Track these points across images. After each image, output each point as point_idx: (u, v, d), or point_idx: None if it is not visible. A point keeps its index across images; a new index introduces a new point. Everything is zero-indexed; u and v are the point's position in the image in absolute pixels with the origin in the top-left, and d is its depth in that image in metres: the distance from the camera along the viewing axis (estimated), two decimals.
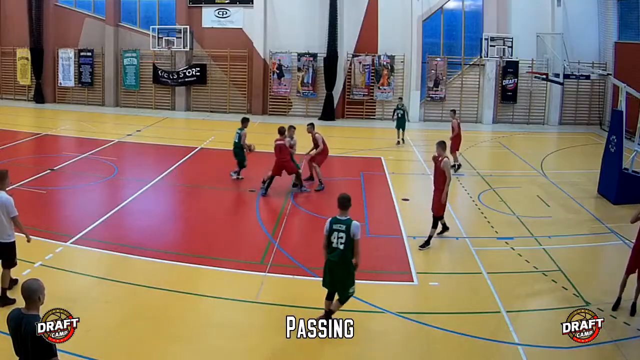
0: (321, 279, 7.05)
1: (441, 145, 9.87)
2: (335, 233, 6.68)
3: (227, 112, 25.02)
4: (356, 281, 7.08)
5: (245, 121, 13.94)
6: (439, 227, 10.06)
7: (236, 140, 13.67)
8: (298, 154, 13.24)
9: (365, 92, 24.00)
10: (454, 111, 16.11)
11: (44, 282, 4.62)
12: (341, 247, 6.65)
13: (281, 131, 12.54)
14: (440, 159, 9.69)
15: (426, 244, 9.74)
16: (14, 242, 7.46)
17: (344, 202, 6.77)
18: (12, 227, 7.41)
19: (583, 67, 18.78)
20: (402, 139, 18.71)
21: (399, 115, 18.57)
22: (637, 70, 19.10)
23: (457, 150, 15.22)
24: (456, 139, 15.08)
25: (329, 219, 6.88)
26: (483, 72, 23.54)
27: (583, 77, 17.20)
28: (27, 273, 7.99)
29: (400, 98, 20.56)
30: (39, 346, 4.25)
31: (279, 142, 12.42)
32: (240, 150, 13.68)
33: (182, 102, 25.30)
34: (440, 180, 9.63)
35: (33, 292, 4.35)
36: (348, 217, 6.73)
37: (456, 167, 14.95)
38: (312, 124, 13.48)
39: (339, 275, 6.76)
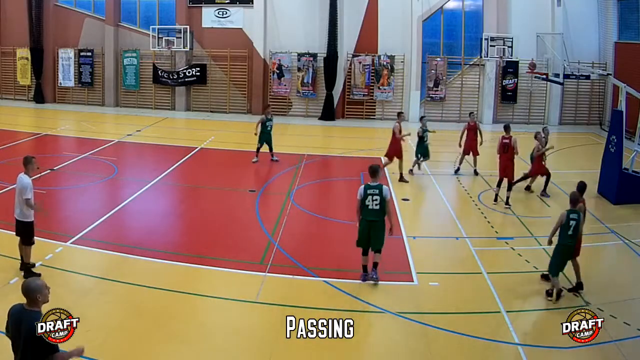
0: (321, 278, 7.14)
1: (508, 127, 13.16)
2: (370, 197, 8.06)
3: (227, 112, 25.02)
4: (356, 281, 7.82)
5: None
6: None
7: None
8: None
9: (365, 92, 24.00)
10: (400, 113, 15.01)
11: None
12: (377, 207, 8.05)
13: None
14: (510, 137, 12.59)
15: (507, 203, 12.16)
16: (31, 222, 7.98)
17: (375, 171, 8.30)
18: (28, 208, 7.86)
19: (583, 67, 18.76)
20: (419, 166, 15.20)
21: (425, 139, 14.85)
22: (637, 70, 19.10)
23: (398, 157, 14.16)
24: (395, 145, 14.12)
25: (362, 185, 8.22)
26: (483, 72, 23.52)
27: (583, 77, 17.19)
28: None
29: (423, 117, 15.93)
30: (41, 341, 4.25)
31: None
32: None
33: (182, 102, 25.29)
34: (511, 153, 12.37)
35: (31, 291, 4.37)
36: (379, 182, 8.16)
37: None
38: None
39: (377, 230, 8.12)
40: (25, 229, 8.00)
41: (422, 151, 14.75)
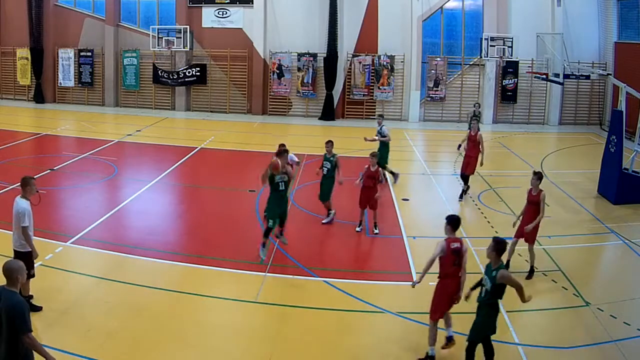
0: (321, 278, 7.28)
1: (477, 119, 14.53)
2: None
3: (227, 112, 25.02)
4: (356, 281, 8.00)
5: None
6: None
7: None
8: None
9: (365, 92, 23.99)
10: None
11: (44, 282, 4.66)
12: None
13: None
14: (477, 132, 12.61)
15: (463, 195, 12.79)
16: (30, 252, 7.03)
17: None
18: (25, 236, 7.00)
19: (583, 67, 18.76)
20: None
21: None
22: (637, 70, 19.11)
23: None
24: None
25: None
26: (483, 72, 23.53)
27: (583, 77, 17.17)
28: None
29: (478, 104, 18.60)
30: (15, 319, 4.57)
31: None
32: None
33: (182, 102, 25.29)
34: (476, 150, 12.47)
35: (13, 272, 4.77)
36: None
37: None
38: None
39: None
40: (24, 260, 6.56)
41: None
